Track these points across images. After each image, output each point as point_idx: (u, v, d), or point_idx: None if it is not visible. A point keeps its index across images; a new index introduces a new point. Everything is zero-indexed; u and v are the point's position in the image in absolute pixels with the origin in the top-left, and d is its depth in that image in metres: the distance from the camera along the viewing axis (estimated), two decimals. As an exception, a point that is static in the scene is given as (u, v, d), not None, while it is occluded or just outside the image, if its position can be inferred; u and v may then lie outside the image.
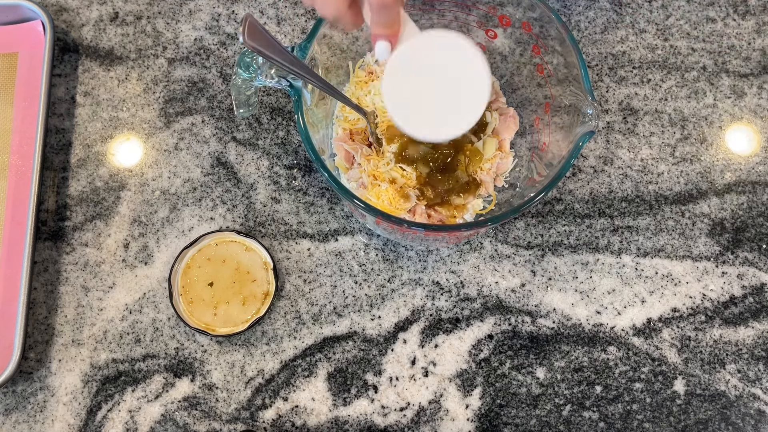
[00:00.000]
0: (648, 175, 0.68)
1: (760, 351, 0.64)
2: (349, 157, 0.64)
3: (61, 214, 0.67)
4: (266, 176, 0.68)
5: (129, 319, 0.64)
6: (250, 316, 0.62)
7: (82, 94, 0.70)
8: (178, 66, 0.71)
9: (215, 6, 0.73)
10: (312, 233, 0.66)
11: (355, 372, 0.63)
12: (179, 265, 0.62)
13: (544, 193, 0.52)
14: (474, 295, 0.65)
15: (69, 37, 0.72)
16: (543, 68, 0.59)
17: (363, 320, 0.64)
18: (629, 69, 0.71)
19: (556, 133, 0.58)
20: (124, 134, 0.69)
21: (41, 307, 0.64)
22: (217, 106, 0.70)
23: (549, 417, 0.62)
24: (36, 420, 0.62)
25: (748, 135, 0.70)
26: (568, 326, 0.64)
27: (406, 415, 0.62)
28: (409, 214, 0.62)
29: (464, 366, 0.63)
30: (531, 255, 0.66)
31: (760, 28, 0.72)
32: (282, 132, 0.69)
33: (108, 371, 0.63)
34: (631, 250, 0.66)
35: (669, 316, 0.65)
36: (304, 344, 0.64)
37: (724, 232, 0.67)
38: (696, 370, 0.63)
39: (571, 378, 0.63)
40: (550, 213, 0.67)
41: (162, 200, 0.67)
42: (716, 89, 0.71)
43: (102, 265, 0.65)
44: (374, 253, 0.66)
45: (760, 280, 0.65)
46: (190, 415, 0.62)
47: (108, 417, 0.62)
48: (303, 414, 0.62)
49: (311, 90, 0.57)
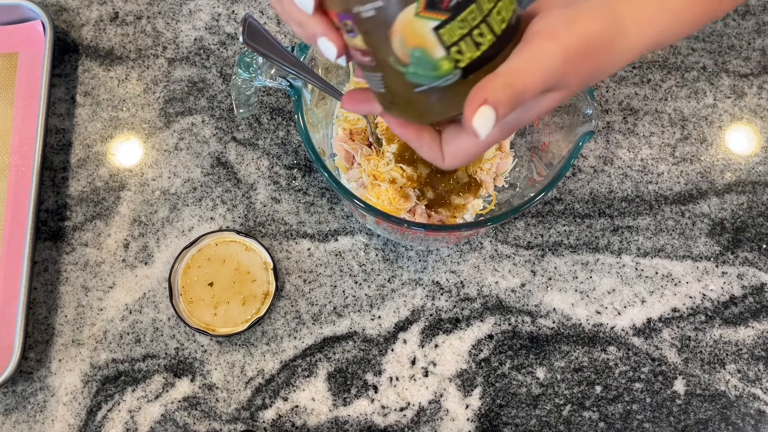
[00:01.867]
0: (648, 175, 0.68)
1: (760, 351, 0.64)
2: (349, 157, 0.64)
3: (61, 214, 0.67)
4: (266, 176, 0.68)
5: (129, 319, 0.64)
6: (250, 316, 0.62)
7: (82, 94, 0.70)
8: (178, 66, 0.71)
9: (215, 6, 0.73)
10: (312, 233, 0.66)
11: (355, 372, 0.63)
12: (179, 265, 0.62)
13: (544, 193, 0.52)
14: (474, 295, 0.65)
15: (69, 37, 0.72)
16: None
17: (363, 320, 0.64)
18: (629, 69, 0.71)
19: (556, 133, 0.58)
20: (124, 134, 0.69)
21: (41, 307, 0.64)
22: (217, 106, 0.70)
23: (549, 417, 0.62)
24: (36, 420, 0.62)
25: (748, 135, 0.70)
26: (568, 326, 0.64)
27: (406, 415, 0.62)
28: (409, 214, 0.62)
29: (464, 366, 0.63)
30: (531, 255, 0.66)
31: (760, 28, 0.72)
32: (282, 132, 0.69)
33: (108, 371, 0.63)
34: (631, 250, 0.66)
35: (669, 316, 0.65)
36: (304, 344, 0.64)
37: (724, 232, 0.67)
38: (696, 370, 0.63)
39: (571, 378, 0.63)
40: (550, 213, 0.67)
41: (162, 200, 0.67)
42: (716, 89, 0.71)
43: (102, 265, 0.65)
44: (374, 253, 0.66)
45: (760, 280, 0.65)
46: (190, 415, 0.62)
47: (108, 417, 0.62)
48: (303, 414, 0.62)
49: (311, 90, 0.57)
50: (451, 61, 0.34)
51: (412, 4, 0.33)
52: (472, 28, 0.34)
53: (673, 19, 0.38)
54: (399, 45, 0.34)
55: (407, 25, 0.33)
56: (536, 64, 0.34)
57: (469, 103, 0.34)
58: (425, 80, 0.35)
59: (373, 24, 0.34)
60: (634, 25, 0.37)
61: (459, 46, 0.34)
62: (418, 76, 0.35)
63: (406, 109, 0.38)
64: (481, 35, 0.34)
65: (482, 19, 0.34)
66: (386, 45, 0.35)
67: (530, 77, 0.34)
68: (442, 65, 0.34)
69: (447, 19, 0.33)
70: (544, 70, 0.35)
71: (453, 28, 0.33)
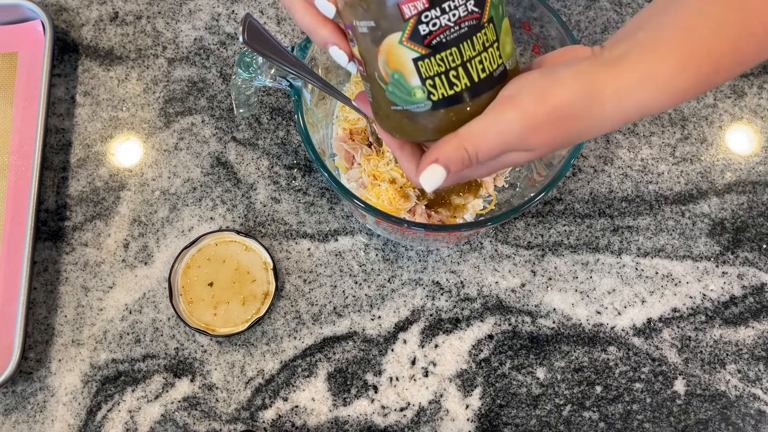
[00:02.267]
0: (648, 175, 0.68)
1: (760, 351, 0.64)
2: (349, 157, 0.64)
3: (61, 214, 0.67)
4: (266, 176, 0.68)
5: (129, 319, 0.64)
6: (250, 316, 0.62)
7: (82, 94, 0.70)
8: (178, 66, 0.71)
9: (215, 6, 0.73)
10: (312, 233, 0.66)
11: (355, 372, 0.63)
12: (179, 265, 0.62)
13: (544, 192, 0.52)
14: (474, 295, 0.65)
15: (69, 37, 0.72)
16: (543, 68, 0.59)
17: (363, 320, 0.64)
18: (629, 69, 0.71)
19: (556, 133, 0.58)
20: (124, 134, 0.69)
21: (41, 307, 0.64)
22: (217, 106, 0.70)
23: (549, 417, 0.62)
24: (36, 420, 0.62)
25: (748, 135, 0.70)
26: (568, 326, 0.64)
27: (406, 416, 0.62)
28: (409, 214, 0.62)
29: (464, 366, 0.63)
30: (531, 255, 0.66)
31: (760, 28, 0.72)
32: (282, 132, 0.69)
33: (108, 371, 0.63)
34: (631, 250, 0.66)
35: (669, 316, 0.64)
36: (304, 344, 0.63)
37: (724, 232, 0.67)
38: (696, 370, 0.63)
39: (571, 378, 0.63)
40: (550, 213, 0.67)
41: (162, 200, 0.67)
42: (716, 89, 0.71)
43: (102, 265, 0.65)
44: (374, 253, 0.66)
45: (761, 280, 0.65)
46: (190, 416, 0.62)
47: (108, 417, 0.62)
48: (303, 414, 0.62)
49: (311, 90, 0.57)
50: (425, 92, 0.37)
51: (398, 32, 0.36)
52: (448, 69, 0.37)
53: (657, 90, 0.36)
54: (383, 65, 0.38)
55: (391, 48, 0.37)
56: (493, 129, 0.36)
57: (424, 157, 0.38)
58: (400, 101, 0.39)
59: (366, 40, 0.38)
60: (612, 97, 0.36)
61: (434, 80, 0.37)
62: (395, 96, 0.39)
63: (384, 121, 0.41)
64: (456, 77, 0.37)
65: (461, 63, 0.37)
66: (374, 61, 0.38)
67: (485, 142, 0.37)
68: (416, 93, 0.38)
69: (426, 54, 0.36)
70: (501, 136, 0.36)
71: (431, 63, 0.37)
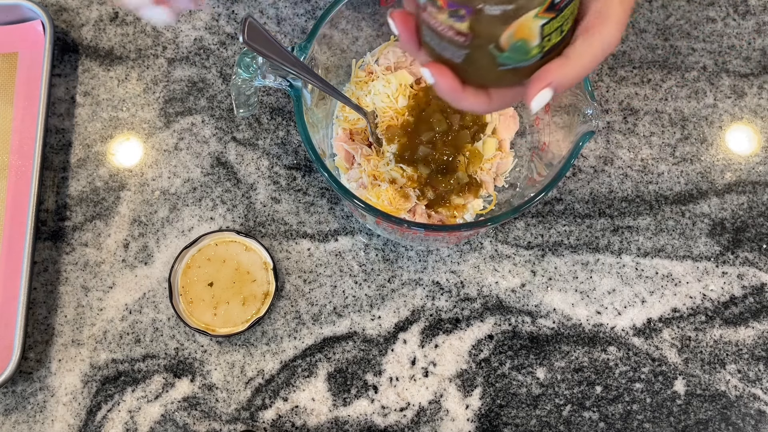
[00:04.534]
0: (648, 175, 0.68)
1: (760, 351, 0.64)
2: (349, 157, 0.64)
3: (61, 214, 0.67)
4: (266, 176, 0.68)
5: (129, 319, 0.64)
6: (250, 316, 0.62)
7: (82, 94, 0.70)
8: (178, 66, 0.71)
9: (215, 6, 0.73)
10: (312, 233, 0.66)
11: (355, 372, 0.63)
12: (179, 265, 0.62)
13: (544, 193, 0.52)
14: (474, 295, 0.65)
15: (69, 37, 0.72)
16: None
17: (363, 320, 0.64)
18: (629, 69, 0.71)
19: (557, 132, 0.58)
20: (124, 134, 0.69)
21: (41, 307, 0.64)
22: (217, 106, 0.70)
23: (549, 417, 0.62)
24: (36, 420, 0.62)
25: (748, 135, 0.70)
26: (568, 326, 0.64)
27: (406, 416, 0.62)
28: (409, 214, 0.62)
29: (464, 366, 0.63)
30: (531, 255, 0.66)
31: (760, 28, 0.72)
32: (282, 132, 0.69)
33: (108, 371, 0.63)
34: (631, 250, 0.66)
35: (669, 316, 0.64)
36: (304, 344, 0.63)
37: (724, 232, 0.67)
38: (696, 371, 0.63)
39: (571, 378, 0.63)
40: (550, 213, 0.67)
41: (162, 200, 0.67)
42: (716, 89, 0.71)
43: (102, 265, 0.65)
44: (374, 253, 0.66)
45: (761, 280, 0.65)
46: (190, 416, 0.62)
47: (108, 417, 0.62)
48: (303, 414, 0.62)
49: (311, 90, 0.57)
50: (540, 47, 0.38)
51: (536, 8, 0.36)
52: (564, 22, 0.38)
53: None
54: (507, 37, 0.38)
55: (525, 22, 0.37)
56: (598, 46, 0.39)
57: (534, 82, 0.39)
58: (512, 62, 0.39)
59: (492, 19, 0.37)
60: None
61: (551, 36, 0.38)
62: (509, 59, 0.39)
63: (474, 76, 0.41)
64: (566, 25, 0.39)
65: (571, 13, 0.38)
66: (493, 35, 0.38)
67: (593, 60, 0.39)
68: (533, 51, 0.38)
69: (553, 17, 0.37)
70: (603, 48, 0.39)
71: (554, 23, 0.38)
